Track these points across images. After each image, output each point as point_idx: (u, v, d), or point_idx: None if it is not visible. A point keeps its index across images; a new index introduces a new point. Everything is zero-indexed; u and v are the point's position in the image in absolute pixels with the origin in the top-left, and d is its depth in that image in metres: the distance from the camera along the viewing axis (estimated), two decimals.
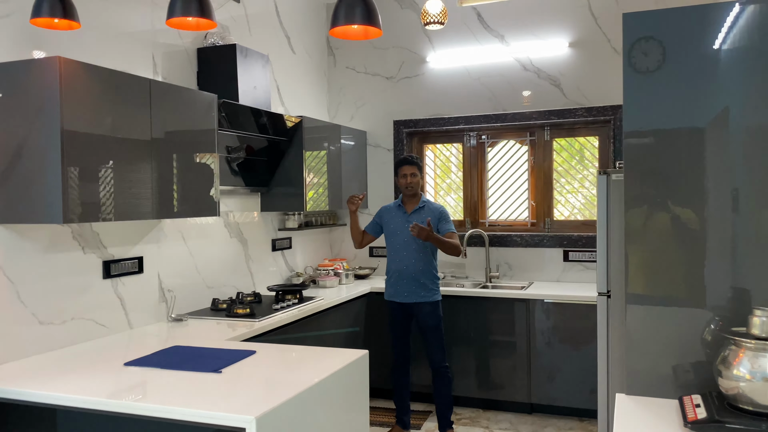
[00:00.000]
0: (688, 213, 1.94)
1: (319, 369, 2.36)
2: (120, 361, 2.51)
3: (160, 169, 2.90)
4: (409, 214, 3.87)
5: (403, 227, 3.84)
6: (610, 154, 4.54)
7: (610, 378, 2.78)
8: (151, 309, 3.32)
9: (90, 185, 2.52)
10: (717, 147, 1.90)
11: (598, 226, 2.77)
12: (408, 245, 3.81)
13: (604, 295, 2.78)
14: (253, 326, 3.21)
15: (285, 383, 2.20)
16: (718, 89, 1.90)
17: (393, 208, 3.95)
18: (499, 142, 4.93)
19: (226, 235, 3.96)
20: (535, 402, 4.24)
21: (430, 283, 3.84)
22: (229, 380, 2.23)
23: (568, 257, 4.62)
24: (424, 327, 3.85)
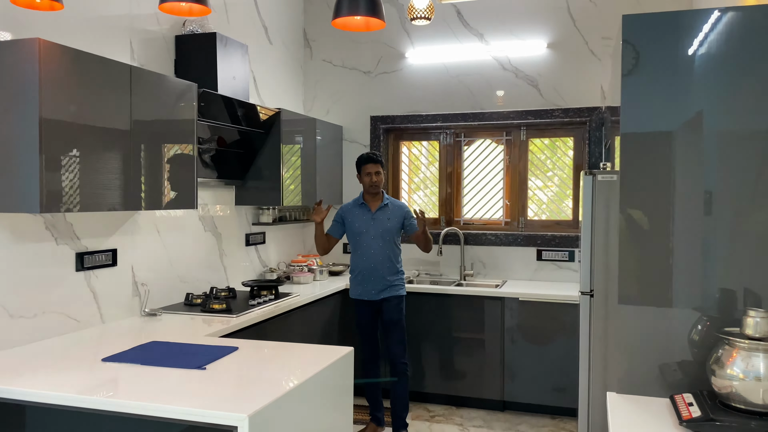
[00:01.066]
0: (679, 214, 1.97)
1: (306, 366, 2.31)
2: (96, 357, 2.41)
3: (138, 159, 2.80)
4: (374, 212, 3.86)
5: (368, 225, 3.83)
6: (585, 156, 4.61)
7: (591, 376, 2.81)
8: (125, 303, 3.22)
9: (67, 174, 2.42)
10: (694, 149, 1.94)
11: (583, 227, 2.80)
12: (374, 243, 3.82)
13: (587, 294, 2.81)
14: (230, 322, 3.14)
15: (273, 380, 2.15)
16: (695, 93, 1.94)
17: (354, 207, 3.92)
18: (476, 141, 4.95)
19: (200, 228, 3.86)
20: (507, 399, 4.27)
21: (395, 279, 3.88)
22: (214, 377, 2.17)
23: (542, 256, 4.67)
24: (387, 321, 3.85)
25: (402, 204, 3.98)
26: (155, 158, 2.92)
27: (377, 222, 3.84)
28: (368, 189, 3.86)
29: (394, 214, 3.88)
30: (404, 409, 3.87)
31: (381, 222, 3.84)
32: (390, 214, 3.87)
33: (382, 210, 3.88)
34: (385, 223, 3.84)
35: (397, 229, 3.88)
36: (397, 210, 3.91)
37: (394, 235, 3.87)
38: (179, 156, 3.10)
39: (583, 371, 2.85)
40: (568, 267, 4.60)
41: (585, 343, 2.83)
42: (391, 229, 3.85)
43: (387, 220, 3.85)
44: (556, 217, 4.78)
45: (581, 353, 2.86)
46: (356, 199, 3.96)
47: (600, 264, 2.76)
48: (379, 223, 3.84)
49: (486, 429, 4.01)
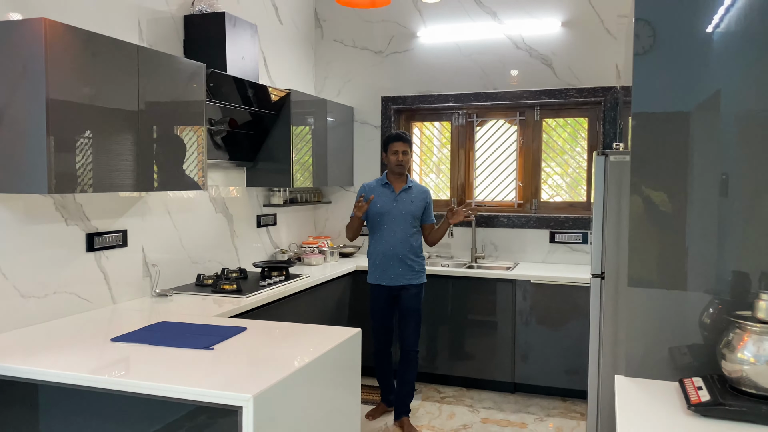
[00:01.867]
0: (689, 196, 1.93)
1: (313, 347, 2.31)
2: (105, 337, 2.43)
3: (146, 140, 2.80)
4: (398, 193, 3.73)
5: (391, 206, 3.68)
6: (600, 136, 4.53)
7: (601, 359, 2.79)
8: (135, 284, 3.24)
9: (75, 155, 2.42)
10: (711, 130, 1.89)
11: (595, 208, 2.76)
12: (396, 225, 3.67)
13: (598, 276, 2.77)
14: (240, 303, 3.15)
15: (279, 361, 2.15)
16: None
17: (377, 186, 3.75)
18: (488, 122, 4.89)
19: (211, 209, 3.87)
20: (518, 381, 4.26)
21: (417, 264, 3.74)
22: (222, 357, 2.18)
23: (554, 238, 4.62)
24: (405, 309, 3.73)
25: (426, 189, 3.83)
26: (165, 139, 2.92)
27: (400, 203, 3.69)
28: (394, 168, 3.71)
29: (417, 197, 3.74)
30: (410, 395, 3.82)
31: (404, 203, 3.70)
32: (413, 197, 3.73)
33: (406, 192, 3.73)
34: (408, 205, 3.69)
35: (419, 213, 3.73)
36: (421, 194, 3.77)
37: (416, 219, 3.73)
38: (189, 137, 3.09)
39: (593, 354, 2.83)
40: (582, 249, 4.56)
41: (595, 325, 2.80)
42: (414, 212, 3.70)
43: (410, 202, 3.70)
44: (569, 198, 4.72)
45: (591, 336, 2.83)
46: (380, 178, 3.81)
47: (611, 246, 2.72)
48: (402, 205, 3.69)
49: (496, 411, 4.01)
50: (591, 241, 2.98)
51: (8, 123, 2.35)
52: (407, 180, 3.78)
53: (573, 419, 3.89)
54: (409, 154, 3.74)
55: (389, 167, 3.77)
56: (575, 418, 3.91)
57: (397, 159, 3.70)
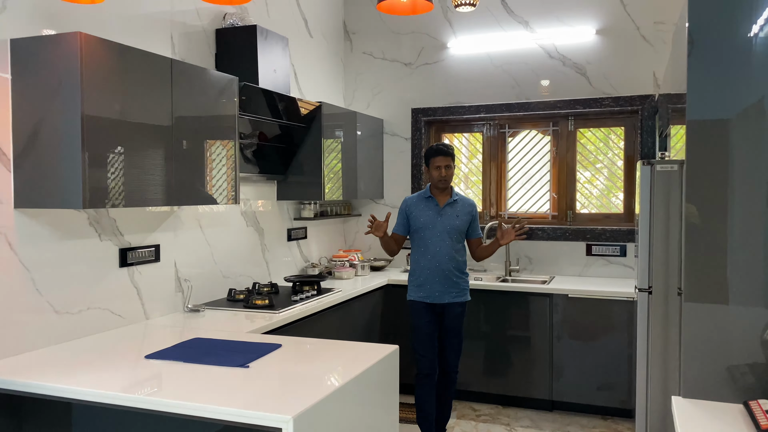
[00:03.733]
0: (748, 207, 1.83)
1: (351, 365, 2.24)
2: (140, 354, 2.39)
3: (178, 154, 2.77)
4: (442, 207, 3.52)
5: (435, 220, 3.49)
6: (637, 146, 4.41)
7: (650, 378, 2.67)
8: (168, 299, 3.20)
9: (110, 170, 2.40)
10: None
11: (641, 220, 2.65)
12: (441, 240, 3.47)
13: (645, 291, 2.66)
14: (272, 318, 3.09)
15: (317, 379, 2.09)
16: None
17: (420, 200, 3.55)
18: (521, 132, 4.80)
19: (242, 223, 3.84)
20: (556, 399, 4.13)
21: (462, 282, 3.54)
22: (258, 376, 2.12)
23: (591, 251, 4.50)
24: (449, 328, 3.53)
25: (472, 203, 3.61)
26: (197, 153, 2.89)
27: (445, 218, 3.49)
28: (436, 183, 3.49)
29: (463, 211, 3.54)
30: (448, 416, 3.72)
31: (449, 218, 3.50)
32: (459, 210, 3.52)
33: (451, 206, 3.53)
34: (453, 220, 3.49)
35: (464, 228, 3.53)
36: (467, 207, 3.56)
37: (461, 234, 3.54)
38: (221, 151, 3.06)
39: (641, 372, 2.71)
40: (619, 262, 4.42)
41: (643, 342, 2.68)
42: (459, 227, 3.50)
43: (456, 217, 3.50)
44: (605, 210, 4.60)
45: (639, 353, 2.71)
46: (422, 192, 3.62)
47: (659, 259, 2.61)
48: (447, 219, 3.49)
49: (534, 429, 3.89)
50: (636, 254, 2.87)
51: (44, 138, 2.34)
52: (452, 193, 3.58)
53: None
54: (452, 167, 3.52)
55: (432, 182, 3.55)
56: None
57: (440, 174, 3.48)
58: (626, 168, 4.52)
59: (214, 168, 3.02)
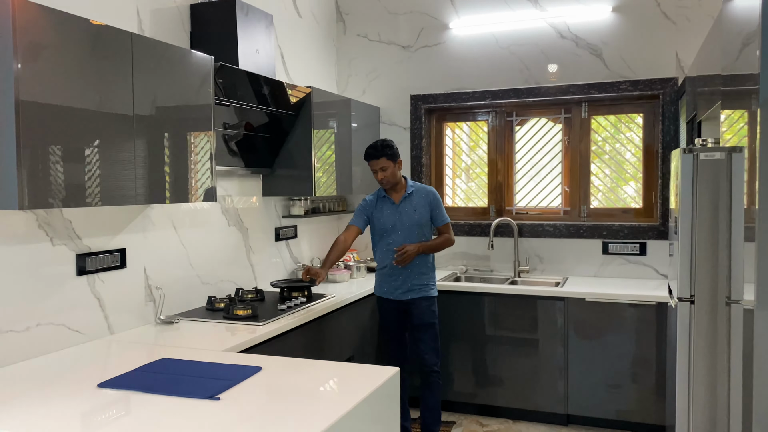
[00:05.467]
0: None
1: (345, 393, 1.87)
2: (92, 381, 2.01)
3: (145, 145, 2.38)
4: (398, 204, 3.38)
5: (395, 220, 3.36)
6: (658, 134, 4.03)
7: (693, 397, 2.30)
8: (136, 310, 2.82)
9: (54, 165, 2.01)
10: None
11: (681, 217, 2.27)
12: (402, 238, 3.35)
13: (687, 300, 2.28)
14: (255, 331, 2.71)
15: (303, 414, 1.70)
16: None
17: (377, 201, 3.42)
18: (529, 120, 4.42)
19: (223, 222, 3.45)
20: (572, 413, 3.76)
21: (426, 277, 3.42)
22: (230, 410, 1.74)
23: (608, 249, 4.12)
24: (418, 324, 3.39)
25: (429, 190, 3.44)
26: (166, 143, 2.50)
27: (404, 215, 3.36)
28: (382, 185, 3.39)
29: (420, 203, 3.38)
30: (436, 422, 3.46)
31: (407, 214, 3.36)
32: (416, 203, 3.38)
33: (407, 200, 3.38)
34: (411, 216, 3.35)
35: (426, 220, 3.39)
36: (424, 198, 3.40)
37: (424, 228, 3.39)
38: (195, 141, 2.67)
39: (682, 389, 2.34)
40: (639, 261, 4.05)
41: (684, 358, 2.31)
42: (419, 221, 3.36)
43: (414, 211, 3.36)
44: (623, 204, 4.22)
45: (679, 369, 2.34)
46: (378, 191, 3.46)
47: (705, 263, 2.23)
48: (405, 216, 3.36)
49: None
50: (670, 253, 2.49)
51: None
52: (406, 186, 3.41)
53: None
54: (390, 166, 3.32)
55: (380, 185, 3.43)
56: None
57: (377, 177, 3.35)
58: (645, 158, 4.14)
59: (187, 161, 2.63)
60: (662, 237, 3.99)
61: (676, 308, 2.33)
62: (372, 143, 3.37)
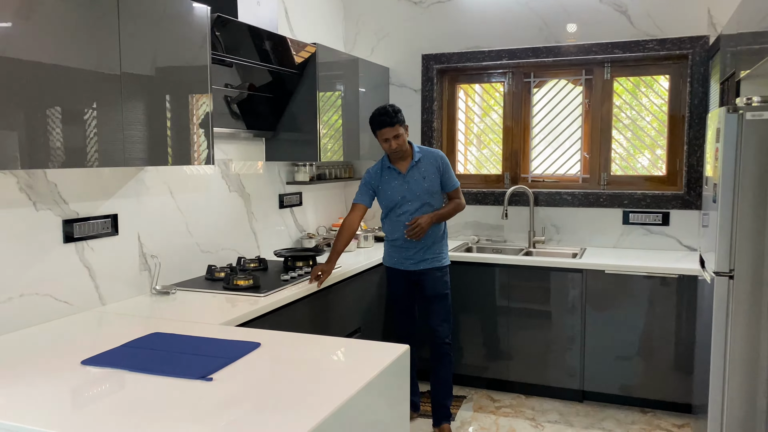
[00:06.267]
0: None
1: (351, 373, 1.70)
2: (77, 357, 1.84)
3: (133, 105, 2.18)
4: (406, 173, 3.14)
5: (403, 191, 3.13)
6: (685, 96, 3.78)
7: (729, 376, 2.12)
8: (130, 280, 2.66)
9: (33, 123, 1.82)
10: None
11: (722, 185, 2.06)
12: (412, 208, 3.13)
13: (725, 275, 2.09)
14: (257, 303, 2.55)
15: (304, 398, 1.54)
16: None
17: (383, 172, 3.17)
18: (548, 82, 4.17)
19: (223, 188, 3.26)
20: (588, 389, 3.60)
21: (439, 246, 3.23)
22: (222, 393, 1.57)
23: (629, 219, 3.91)
24: (430, 296, 3.23)
25: (437, 154, 3.20)
26: (158, 102, 2.30)
27: (412, 184, 3.13)
28: (391, 155, 3.13)
29: (429, 170, 3.15)
30: (448, 395, 3.31)
31: (416, 183, 3.13)
32: (424, 171, 3.14)
33: (415, 168, 3.14)
34: (421, 185, 3.13)
35: (437, 187, 3.17)
36: (432, 163, 3.16)
37: (435, 195, 3.17)
38: (190, 99, 2.47)
39: (717, 368, 2.16)
40: (662, 232, 3.84)
41: (721, 336, 2.13)
42: (429, 189, 3.14)
43: (423, 179, 3.13)
44: (645, 172, 4.00)
45: (715, 347, 2.17)
46: (382, 161, 3.19)
47: (747, 236, 2.03)
48: (414, 186, 3.13)
49: (564, 426, 3.37)
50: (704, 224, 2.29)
51: None
52: (413, 153, 3.16)
53: None
54: (403, 134, 3.08)
55: (388, 154, 3.15)
56: None
57: (390, 147, 3.08)
58: (670, 123, 3.90)
59: (181, 122, 2.43)
60: (687, 206, 3.77)
61: (712, 283, 2.14)
62: (380, 109, 3.07)
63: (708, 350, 2.27)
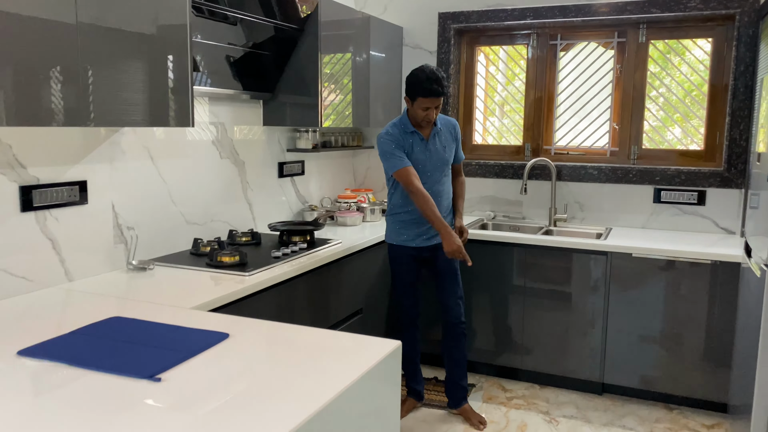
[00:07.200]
0: None
1: (330, 375, 1.43)
2: (15, 345, 1.60)
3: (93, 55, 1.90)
4: (428, 140, 2.91)
5: (424, 158, 2.90)
6: (730, 62, 3.39)
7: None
8: (103, 254, 2.41)
9: None
10: None
11: None
12: (430, 178, 2.91)
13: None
14: (243, 282, 2.29)
15: (267, 407, 1.27)
16: None
17: (405, 136, 2.87)
18: (576, 45, 3.79)
19: (214, 154, 2.99)
20: (607, 382, 3.31)
21: (449, 219, 3.04)
22: (167, 397, 1.31)
23: (660, 197, 3.57)
24: (443, 271, 3.01)
25: (453, 122, 3.04)
26: (127, 53, 2.01)
27: (433, 153, 2.92)
28: (420, 122, 2.87)
29: (447, 138, 2.98)
30: (464, 376, 3.12)
31: (437, 152, 2.93)
32: (444, 139, 2.97)
33: (436, 136, 2.94)
34: (441, 153, 2.94)
35: (451, 157, 3.01)
36: (450, 132, 3.01)
37: (447, 166, 3.00)
38: (168, 48, 2.18)
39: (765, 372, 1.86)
40: (696, 212, 3.49)
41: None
42: (446, 159, 2.98)
43: (443, 148, 2.95)
44: (681, 146, 3.63)
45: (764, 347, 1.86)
46: (401, 124, 2.88)
47: None
48: (434, 154, 2.93)
49: (581, 422, 3.09)
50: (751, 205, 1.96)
51: None
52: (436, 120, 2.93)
53: None
54: (440, 107, 2.86)
55: (415, 118, 2.87)
56: None
57: (428, 116, 2.83)
58: (711, 92, 3.51)
59: (155, 78, 2.15)
60: (726, 185, 3.41)
61: (763, 276, 1.82)
62: (431, 74, 2.74)
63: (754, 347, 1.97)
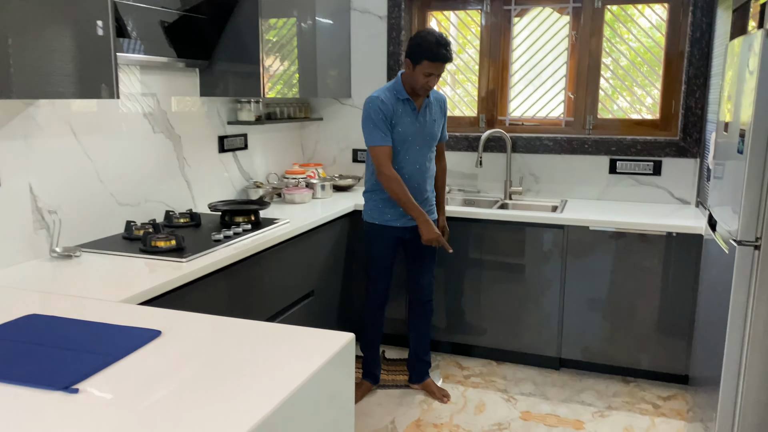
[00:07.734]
0: None
1: (277, 375, 1.26)
2: None
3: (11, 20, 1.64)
4: (419, 111, 2.77)
5: (413, 129, 2.75)
6: (686, 29, 3.32)
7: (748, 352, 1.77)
8: (20, 241, 2.16)
9: None
10: None
11: (754, 127, 1.63)
12: (418, 152, 2.78)
13: (750, 244, 1.69)
14: (179, 269, 2.09)
15: (210, 414, 1.10)
16: None
17: (396, 104, 2.70)
18: (531, 10, 3.66)
19: (146, 128, 2.74)
20: (565, 357, 3.27)
21: (433, 196, 2.96)
22: (90, 412, 1.13)
23: (616, 168, 3.51)
24: (424, 250, 2.93)
25: (443, 97, 2.92)
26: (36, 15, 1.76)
27: (423, 125, 2.78)
28: (419, 90, 2.69)
29: (437, 112, 2.86)
30: (428, 351, 3.10)
31: (427, 125, 2.80)
32: (434, 112, 2.84)
33: (427, 108, 2.81)
34: (431, 127, 2.82)
35: (438, 133, 2.89)
36: (440, 106, 2.89)
37: (434, 143, 2.88)
38: (86, 9, 1.92)
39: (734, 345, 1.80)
40: (652, 183, 3.45)
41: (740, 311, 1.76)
42: (435, 135, 2.85)
43: (433, 122, 2.83)
44: (635, 114, 3.57)
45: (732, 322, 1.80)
46: (395, 89, 2.71)
47: None
48: (424, 127, 2.79)
49: (539, 399, 3.04)
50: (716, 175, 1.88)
51: None
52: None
53: (646, 414, 2.90)
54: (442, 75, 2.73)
55: (414, 85, 2.69)
56: (649, 412, 2.92)
57: (428, 84, 2.66)
58: (666, 59, 3.45)
59: (71, 43, 1.89)
60: (682, 154, 3.37)
61: (732, 253, 1.74)
62: (440, 39, 2.59)
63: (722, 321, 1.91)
